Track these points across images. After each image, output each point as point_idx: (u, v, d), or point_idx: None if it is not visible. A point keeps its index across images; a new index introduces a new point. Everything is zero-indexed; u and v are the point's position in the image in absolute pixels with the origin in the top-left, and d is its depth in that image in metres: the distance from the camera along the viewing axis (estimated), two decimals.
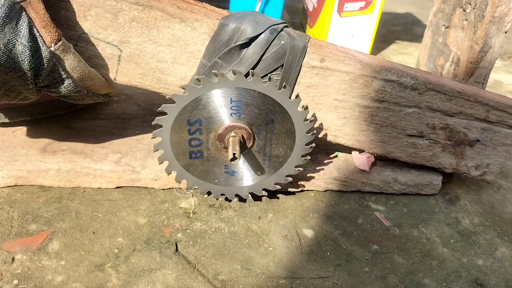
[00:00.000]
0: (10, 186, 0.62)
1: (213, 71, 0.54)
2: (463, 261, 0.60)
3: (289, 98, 0.55)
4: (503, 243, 0.64)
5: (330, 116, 0.63)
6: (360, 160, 0.69)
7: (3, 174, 0.61)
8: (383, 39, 1.50)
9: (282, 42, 0.56)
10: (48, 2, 0.50)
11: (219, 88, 0.54)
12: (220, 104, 0.55)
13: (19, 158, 0.62)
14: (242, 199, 0.65)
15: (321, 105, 0.62)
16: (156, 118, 0.55)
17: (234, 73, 0.53)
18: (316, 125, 0.64)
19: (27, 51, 0.46)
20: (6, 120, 0.68)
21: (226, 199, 0.64)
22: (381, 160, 0.71)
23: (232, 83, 0.53)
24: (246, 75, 0.55)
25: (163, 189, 0.66)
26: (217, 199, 0.64)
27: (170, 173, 0.60)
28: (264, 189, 0.63)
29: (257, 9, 1.12)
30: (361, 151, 0.69)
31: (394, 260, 0.59)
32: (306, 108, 0.57)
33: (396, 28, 1.67)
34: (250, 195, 0.64)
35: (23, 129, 0.68)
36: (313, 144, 0.60)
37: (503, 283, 0.57)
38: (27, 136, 0.67)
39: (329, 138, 0.65)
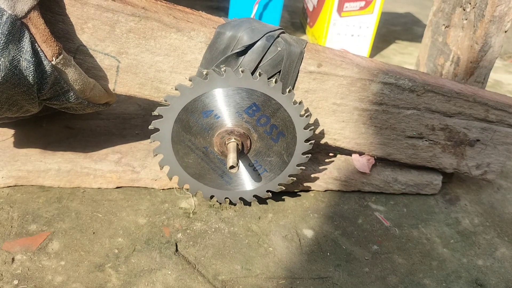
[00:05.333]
0: (10, 186, 0.62)
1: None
2: (463, 262, 0.60)
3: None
4: (503, 243, 0.64)
5: (329, 120, 0.63)
6: (360, 162, 0.69)
7: (3, 174, 0.61)
8: (383, 39, 1.50)
9: (279, 49, 0.56)
10: (46, 16, 0.50)
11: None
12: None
13: (19, 158, 0.62)
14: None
15: (319, 109, 0.62)
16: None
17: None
18: (316, 129, 0.64)
19: (31, 66, 0.47)
20: (6, 120, 0.68)
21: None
22: (381, 161, 0.71)
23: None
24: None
25: (163, 189, 0.66)
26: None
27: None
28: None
29: (254, 9, 1.11)
30: (361, 153, 0.69)
31: (394, 261, 0.59)
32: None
33: (396, 28, 1.67)
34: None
35: (23, 129, 0.68)
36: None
37: (503, 283, 0.57)
38: (27, 136, 0.67)
39: (328, 142, 0.66)
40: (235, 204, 0.64)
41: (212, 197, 0.62)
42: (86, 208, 0.61)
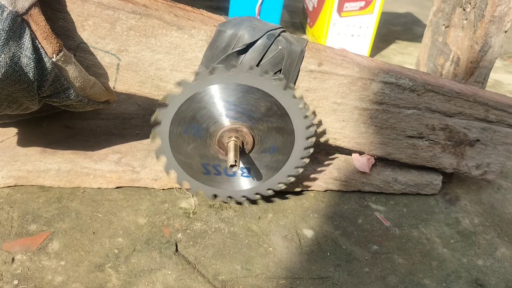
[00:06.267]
0: (10, 186, 0.62)
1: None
2: (463, 262, 0.60)
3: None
4: (503, 243, 0.64)
5: (329, 119, 0.63)
6: (360, 162, 0.69)
7: (3, 174, 0.61)
8: (383, 39, 1.50)
9: (280, 47, 0.56)
10: (46, 13, 0.50)
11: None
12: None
13: (19, 158, 0.62)
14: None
15: (320, 108, 0.62)
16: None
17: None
18: (316, 128, 0.64)
19: (31, 63, 0.47)
20: (6, 119, 0.68)
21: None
22: (381, 161, 0.71)
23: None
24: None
25: (163, 189, 0.66)
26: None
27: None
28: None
29: (257, 8, 1.11)
30: (361, 153, 0.69)
31: (394, 261, 0.59)
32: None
33: (396, 28, 1.67)
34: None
35: (23, 129, 0.68)
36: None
37: (503, 283, 0.57)
38: (27, 136, 0.67)
39: (329, 141, 0.66)
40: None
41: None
42: (86, 208, 0.61)
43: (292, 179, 0.62)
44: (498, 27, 0.69)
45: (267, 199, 0.66)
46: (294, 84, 0.59)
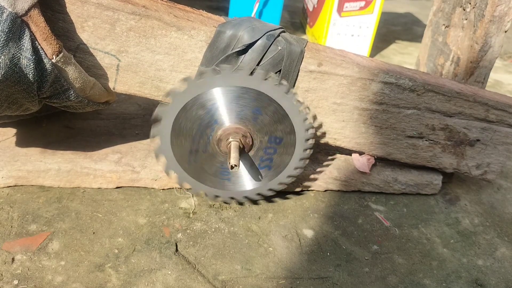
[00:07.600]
0: (10, 186, 0.62)
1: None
2: (463, 262, 0.60)
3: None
4: (503, 243, 0.64)
5: (329, 119, 0.63)
6: (360, 162, 0.69)
7: (3, 174, 0.61)
8: (383, 39, 1.50)
9: (279, 48, 0.56)
10: (46, 14, 0.50)
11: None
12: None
13: (19, 158, 0.62)
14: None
15: (319, 108, 0.62)
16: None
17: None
18: (316, 128, 0.64)
19: (31, 64, 0.47)
20: (6, 120, 0.68)
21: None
22: (381, 161, 0.71)
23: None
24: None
25: (163, 189, 0.66)
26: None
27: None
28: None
29: (255, 8, 1.11)
30: (361, 153, 0.69)
31: (394, 261, 0.59)
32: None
33: (396, 28, 1.67)
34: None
35: (23, 129, 0.68)
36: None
37: (503, 283, 0.57)
38: (27, 136, 0.67)
39: (328, 141, 0.66)
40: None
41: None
42: (86, 208, 0.61)
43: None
44: (498, 27, 0.69)
45: (267, 199, 0.66)
46: (294, 84, 0.59)
